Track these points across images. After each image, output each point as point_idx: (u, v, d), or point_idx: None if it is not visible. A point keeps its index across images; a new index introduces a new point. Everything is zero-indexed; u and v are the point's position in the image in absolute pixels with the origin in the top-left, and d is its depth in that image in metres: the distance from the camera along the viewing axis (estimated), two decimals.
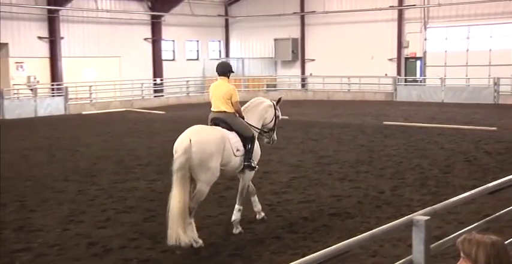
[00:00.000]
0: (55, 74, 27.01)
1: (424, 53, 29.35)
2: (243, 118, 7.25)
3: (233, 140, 6.85)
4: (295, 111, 23.57)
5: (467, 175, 10.20)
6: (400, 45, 29.90)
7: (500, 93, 26.00)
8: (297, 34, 33.55)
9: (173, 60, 33.37)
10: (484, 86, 26.73)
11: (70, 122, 20.75)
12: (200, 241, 6.47)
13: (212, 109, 7.17)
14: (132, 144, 14.73)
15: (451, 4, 27.95)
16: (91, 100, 26.63)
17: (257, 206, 7.51)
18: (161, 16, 31.26)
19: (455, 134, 15.47)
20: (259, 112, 7.54)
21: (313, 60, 33.28)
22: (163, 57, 31.96)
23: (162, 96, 30.17)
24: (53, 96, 25.51)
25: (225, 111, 7.05)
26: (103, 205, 8.55)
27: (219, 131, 6.80)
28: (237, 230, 7.00)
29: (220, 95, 7.06)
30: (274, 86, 33.36)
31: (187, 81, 30.94)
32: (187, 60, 34.04)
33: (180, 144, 6.43)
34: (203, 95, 31.29)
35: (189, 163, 6.33)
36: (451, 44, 28.58)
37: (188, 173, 6.34)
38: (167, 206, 6.36)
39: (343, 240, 3.54)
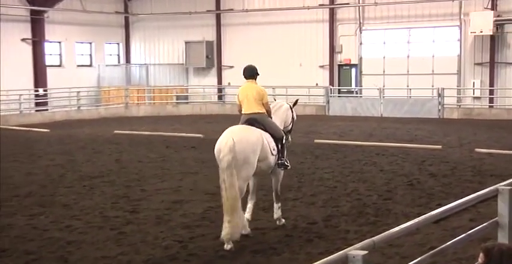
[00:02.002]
0: None
1: (360, 59, 30.38)
2: (271, 119, 9.00)
3: (269, 139, 8.58)
4: (210, 128, 23.57)
5: (410, 201, 10.57)
6: (332, 50, 30.79)
7: (445, 106, 27.33)
8: (212, 36, 33.77)
9: (60, 66, 32.56)
10: (427, 97, 27.99)
11: None
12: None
13: (244, 111, 8.84)
14: (7, 170, 14.18)
15: (388, 3, 29.19)
16: None
17: (249, 212, 8.90)
18: (44, 12, 30.49)
19: (396, 153, 16.03)
20: (281, 115, 9.33)
21: (231, 67, 33.55)
22: (47, 63, 31.12)
23: (46, 110, 29.31)
24: None
25: (258, 113, 8.75)
26: None
27: (257, 130, 8.48)
28: (280, 222, 8.97)
29: (252, 97, 8.75)
30: (186, 97, 33.33)
31: (78, 92, 30.28)
32: (78, 66, 33.34)
33: (224, 144, 7.99)
34: (98, 109, 30.76)
35: (234, 161, 7.89)
36: (390, 49, 29.78)
37: (235, 170, 7.90)
38: (223, 204, 7.91)
39: None
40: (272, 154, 8.59)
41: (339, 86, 30.89)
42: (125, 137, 20.51)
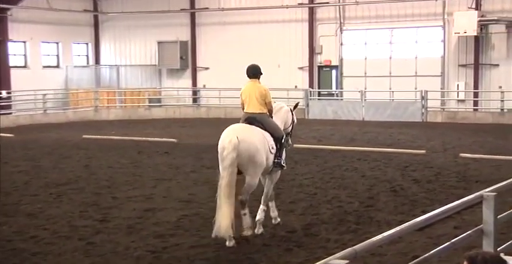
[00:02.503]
0: None
1: (341, 60, 30.56)
2: (272, 118, 9.48)
3: (269, 137, 9.05)
4: (184, 132, 23.55)
5: (393, 208, 10.65)
6: (312, 51, 30.94)
7: (428, 109, 27.57)
8: (186, 36, 33.73)
9: (25, 67, 32.31)
10: (411, 100, 28.22)
11: None
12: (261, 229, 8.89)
13: (246, 110, 9.27)
14: None
15: (370, 2, 29.41)
16: None
17: (274, 212, 9.48)
18: (7, 9, 30.20)
19: (378, 158, 16.14)
20: (282, 116, 9.73)
21: (206, 68, 33.55)
22: (10, 64, 30.84)
23: (9, 114, 29.01)
24: None
25: (260, 113, 9.19)
26: None
27: (257, 129, 8.98)
28: (259, 230, 9.03)
29: (255, 96, 9.20)
30: (159, 100, 33.24)
31: (45, 94, 30.03)
32: (44, 67, 33.11)
33: (228, 142, 8.48)
34: (65, 113, 30.53)
35: (238, 159, 8.42)
36: (372, 50, 30.00)
37: (236, 169, 8.46)
38: (217, 201, 8.44)
39: None
40: (271, 153, 9.01)
41: (318, 88, 31.02)
42: (94, 142, 20.38)
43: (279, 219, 9.47)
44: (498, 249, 6.01)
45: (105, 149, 18.62)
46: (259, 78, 9.44)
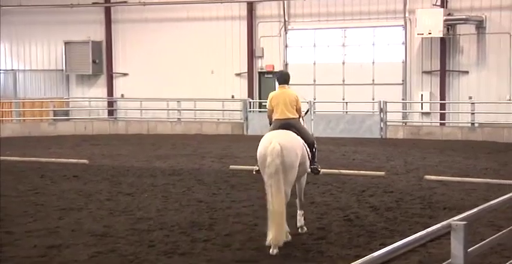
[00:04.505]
0: None
1: (285, 65, 30.79)
2: None
3: (305, 143, 10.60)
4: (98, 151, 23.29)
5: (347, 241, 10.74)
6: (251, 55, 31.10)
7: (388, 123, 28.01)
8: (100, 35, 33.48)
9: None
10: (367, 113, 28.64)
11: None
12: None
13: (279, 117, 10.87)
14: None
15: None
16: None
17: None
18: None
19: (330, 181, 16.28)
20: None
21: (125, 74, 33.34)
22: None
23: None
24: None
25: (293, 118, 10.87)
26: None
27: (295, 134, 10.49)
28: (302, 230, 11.04)
29: (287, 102, 10.86)
30: (66, 113, 32.81)
31: None
32: None
33: (272, 149, 9.85)
34: None
35: (282, 166, 9.80)
36: (322, 53, 30.37)
37: (282, 175, 9.83)
38: (269, 209, 9.75)
39: None
40: (308, 158, 10.69)
41: (259, 98, 31.15)
42: None
43: (305, 228, 11.07)
44: None
45: None
46: (288, 84, 11.11)
